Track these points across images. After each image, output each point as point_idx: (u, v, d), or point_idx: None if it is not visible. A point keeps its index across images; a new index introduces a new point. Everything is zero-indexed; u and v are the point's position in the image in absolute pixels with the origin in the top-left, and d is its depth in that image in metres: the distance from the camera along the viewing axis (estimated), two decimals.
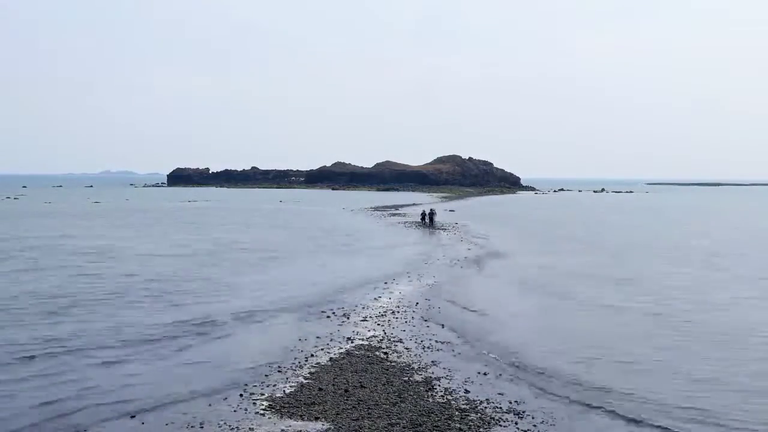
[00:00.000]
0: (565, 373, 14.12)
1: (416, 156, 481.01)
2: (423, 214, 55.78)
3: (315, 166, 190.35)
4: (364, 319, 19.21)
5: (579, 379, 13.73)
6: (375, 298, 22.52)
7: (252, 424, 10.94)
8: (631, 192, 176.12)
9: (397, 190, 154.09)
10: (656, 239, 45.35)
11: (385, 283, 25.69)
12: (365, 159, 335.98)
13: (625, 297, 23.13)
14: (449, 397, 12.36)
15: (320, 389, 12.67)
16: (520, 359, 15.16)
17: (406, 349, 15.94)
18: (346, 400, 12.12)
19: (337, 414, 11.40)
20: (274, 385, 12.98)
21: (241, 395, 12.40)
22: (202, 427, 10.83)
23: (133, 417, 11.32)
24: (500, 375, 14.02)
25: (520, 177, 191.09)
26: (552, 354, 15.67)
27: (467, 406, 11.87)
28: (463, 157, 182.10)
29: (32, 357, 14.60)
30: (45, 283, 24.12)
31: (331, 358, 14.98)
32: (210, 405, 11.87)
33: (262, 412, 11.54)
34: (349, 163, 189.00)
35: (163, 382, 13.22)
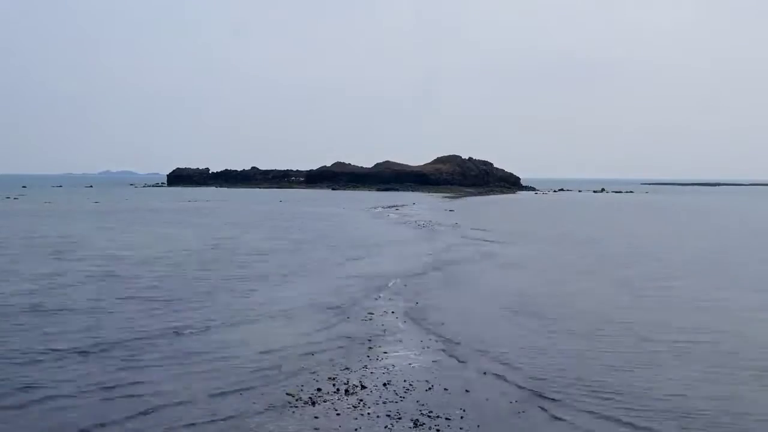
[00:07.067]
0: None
1: (416, 156, 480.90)
2: None
3: (315, 166, 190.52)
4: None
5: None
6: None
7: (251, 424, 10.99)
8: (631, 192, 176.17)
9: (397, 189, 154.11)
10: None
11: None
12: (365, 159, 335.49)
13: None
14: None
15: (318, 389, 12.71)
16: None
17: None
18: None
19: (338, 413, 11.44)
20: (274, 384, 13.03)
21: (240, 394, 12.44)
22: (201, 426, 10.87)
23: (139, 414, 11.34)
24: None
25: (520, 177, 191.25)
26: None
27: None
28: (463, 157, 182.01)
29: None
30: None
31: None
32: (210, 407, 11.91)
33: (261, 411, 11.57)
34: (349, 163, 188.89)
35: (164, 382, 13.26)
